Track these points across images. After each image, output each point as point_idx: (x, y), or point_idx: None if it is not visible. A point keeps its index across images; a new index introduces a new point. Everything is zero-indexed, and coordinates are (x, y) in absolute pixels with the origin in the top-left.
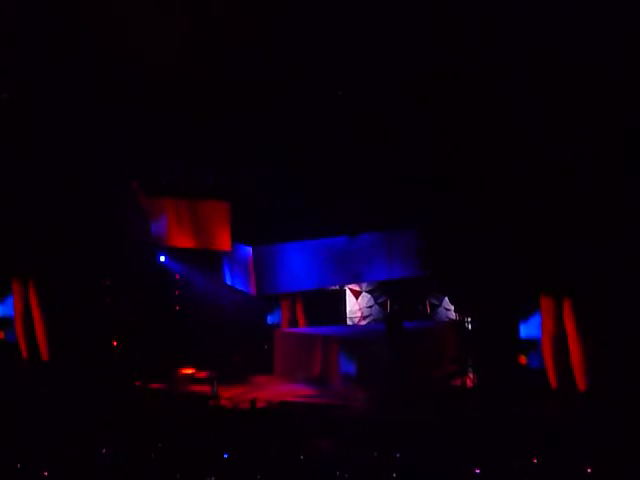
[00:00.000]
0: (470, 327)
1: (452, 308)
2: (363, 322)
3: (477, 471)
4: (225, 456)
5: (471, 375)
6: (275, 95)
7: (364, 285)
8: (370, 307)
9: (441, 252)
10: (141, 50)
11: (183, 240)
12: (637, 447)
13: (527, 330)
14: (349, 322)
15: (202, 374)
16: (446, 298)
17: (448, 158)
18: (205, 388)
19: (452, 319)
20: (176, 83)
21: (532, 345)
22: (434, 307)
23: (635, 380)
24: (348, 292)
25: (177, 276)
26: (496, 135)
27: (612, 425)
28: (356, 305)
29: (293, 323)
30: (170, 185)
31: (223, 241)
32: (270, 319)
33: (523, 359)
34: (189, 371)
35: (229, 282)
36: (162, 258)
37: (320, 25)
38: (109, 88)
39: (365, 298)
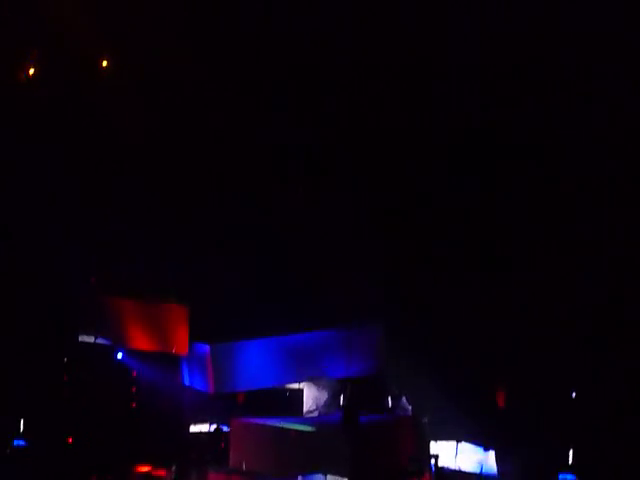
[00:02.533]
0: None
1: (409, 408)
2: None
3: None
4: None
5: (427, 476)
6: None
7: (322, 381)
8: (328, 405)
9: (398, 353)
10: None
11: (140, 342)
12: None
13: None
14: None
15: (159, 472)
16: (404, 398)
17: (412, 255)
18: None
19: (409, 416)
20: (137, 185)
21: None
22: (392, 406)
23: None
24: (306, 388)
25: (134, 373)
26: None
27: None
28: (314, 404)
29: None
30: (128, 284)
31: (180, 345)
32: None
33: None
34: (145, 468)
35: (187, 382)
36: (119, 355)
37: None
38: (73, 186)
39: (323, 394)
